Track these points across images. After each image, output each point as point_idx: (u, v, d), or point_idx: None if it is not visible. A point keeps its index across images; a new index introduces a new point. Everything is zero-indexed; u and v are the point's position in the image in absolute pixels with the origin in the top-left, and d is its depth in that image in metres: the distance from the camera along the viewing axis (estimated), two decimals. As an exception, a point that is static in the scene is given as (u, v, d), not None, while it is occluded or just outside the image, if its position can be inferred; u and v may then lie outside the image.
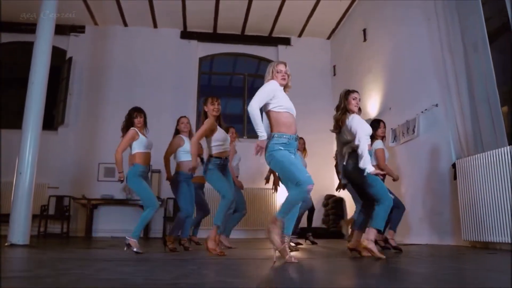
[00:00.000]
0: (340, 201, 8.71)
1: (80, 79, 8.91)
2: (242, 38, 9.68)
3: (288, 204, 3.12)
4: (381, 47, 7.49)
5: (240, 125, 9.28)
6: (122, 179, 4.38)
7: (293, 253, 3.05)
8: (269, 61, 9.87)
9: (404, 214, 4.74)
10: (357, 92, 3.85)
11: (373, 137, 4.39)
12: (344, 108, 3.76)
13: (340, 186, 5.21)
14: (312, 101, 9.03)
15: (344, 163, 3.73)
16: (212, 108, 4.14)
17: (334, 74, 9.64)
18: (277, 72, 3.29)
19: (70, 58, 8.80)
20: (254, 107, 3.10)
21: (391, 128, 6.75)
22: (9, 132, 7.74)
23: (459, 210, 4.92)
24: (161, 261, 3.35)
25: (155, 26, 9.32)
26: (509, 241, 4.10)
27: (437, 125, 5.67)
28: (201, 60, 9.63)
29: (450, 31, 5.27)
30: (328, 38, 9.88)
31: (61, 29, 8.53)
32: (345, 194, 8.43)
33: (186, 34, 9.49)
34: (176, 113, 6.91)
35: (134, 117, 4.39)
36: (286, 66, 3.36)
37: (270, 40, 9.74)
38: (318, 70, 9.68)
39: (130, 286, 1.94)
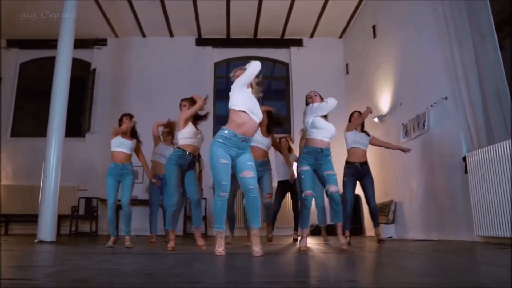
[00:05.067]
0: (356, 198, 8.78)
1: (104, 89, 9.50)
2: (254, 42, 9.92)
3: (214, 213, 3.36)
4: (390, 42, 7.40)
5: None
6: None
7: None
8: (283, 63, 10.11)
9: (416, 210, 4.57)
10: (312, 91, 4.39)
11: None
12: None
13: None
14: (327, 101, 9.12)
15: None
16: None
17: (347, 73, 9.67)
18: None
19: (94, 70, 9.42)
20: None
21: (402, 124, 6.68)
22: (38, 140, 8.22)
23: (470, 205, 4.70)
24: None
25: (171, 35, 9.73)
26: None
27: (447, 118, 5.50)
28: (216, 65, 9.96)
29: (457, 20, 5.08)
30: (340, 37, 9.94)
31: (85, 43, 9.17)
32: (359, 191, 8.48)
33: (201, 41, 9.86)
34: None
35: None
36: None
37: (283, 42, 9.91)
38: (332, 69, 9.72)
39: (121, 275, 2.10)
